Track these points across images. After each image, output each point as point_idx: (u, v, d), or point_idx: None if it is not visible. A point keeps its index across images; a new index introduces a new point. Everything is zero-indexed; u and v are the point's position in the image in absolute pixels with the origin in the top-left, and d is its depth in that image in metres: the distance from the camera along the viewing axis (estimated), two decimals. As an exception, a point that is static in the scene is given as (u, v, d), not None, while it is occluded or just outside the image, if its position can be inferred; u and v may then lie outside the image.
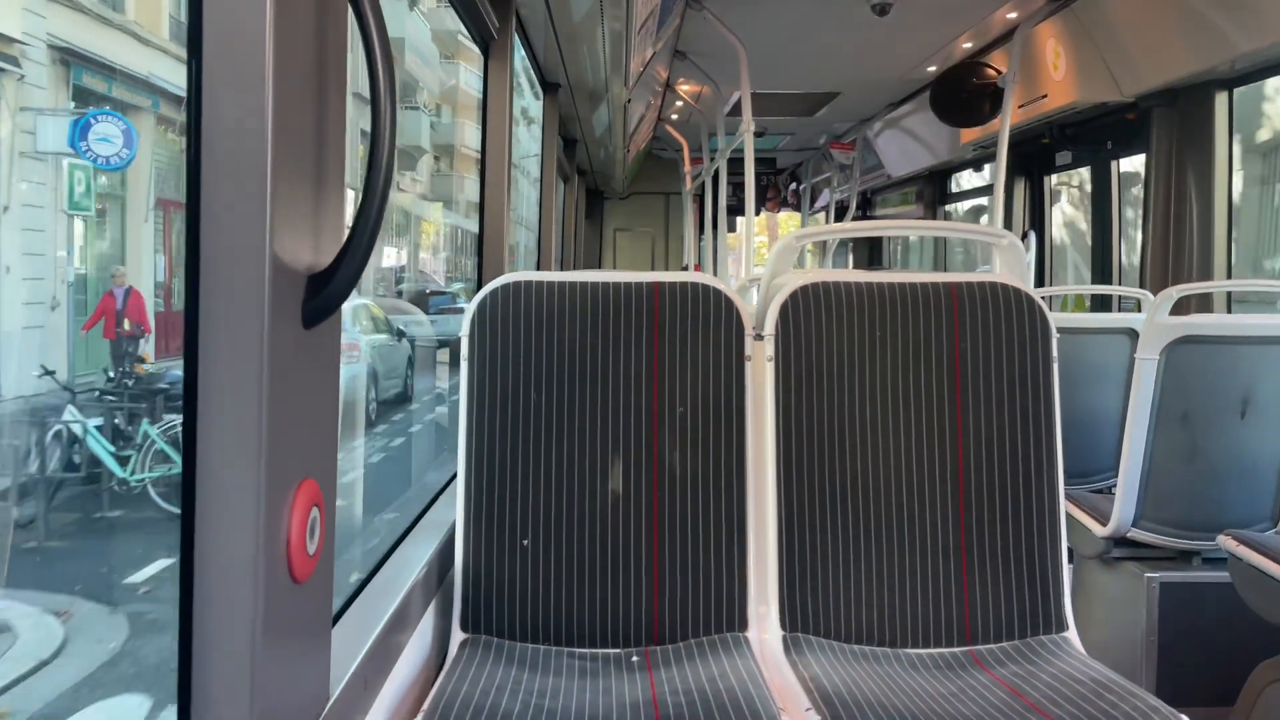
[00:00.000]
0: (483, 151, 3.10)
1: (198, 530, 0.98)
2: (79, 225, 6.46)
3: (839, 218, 10.83)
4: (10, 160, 5.80)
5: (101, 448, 5.86)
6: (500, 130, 3.05)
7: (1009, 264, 2.00)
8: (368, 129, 1.09)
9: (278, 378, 0.99)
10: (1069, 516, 2.76)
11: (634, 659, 1.73)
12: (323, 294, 1.06)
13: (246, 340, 0.96)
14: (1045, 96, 5.27)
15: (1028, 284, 1.93)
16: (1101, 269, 5.60)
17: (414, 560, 1.77)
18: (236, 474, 0.97)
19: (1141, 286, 4.39)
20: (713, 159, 8.01)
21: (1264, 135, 5.18)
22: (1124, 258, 5.53)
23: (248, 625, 0.98)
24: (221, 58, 0.94)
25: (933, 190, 8.61)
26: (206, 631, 0.98)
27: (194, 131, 0.95)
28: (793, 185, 12.61)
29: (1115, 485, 2.80)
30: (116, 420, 6.06)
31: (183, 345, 0.99)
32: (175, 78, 7.00)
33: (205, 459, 0.98)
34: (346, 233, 1.08)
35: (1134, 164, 5.35)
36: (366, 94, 1.08)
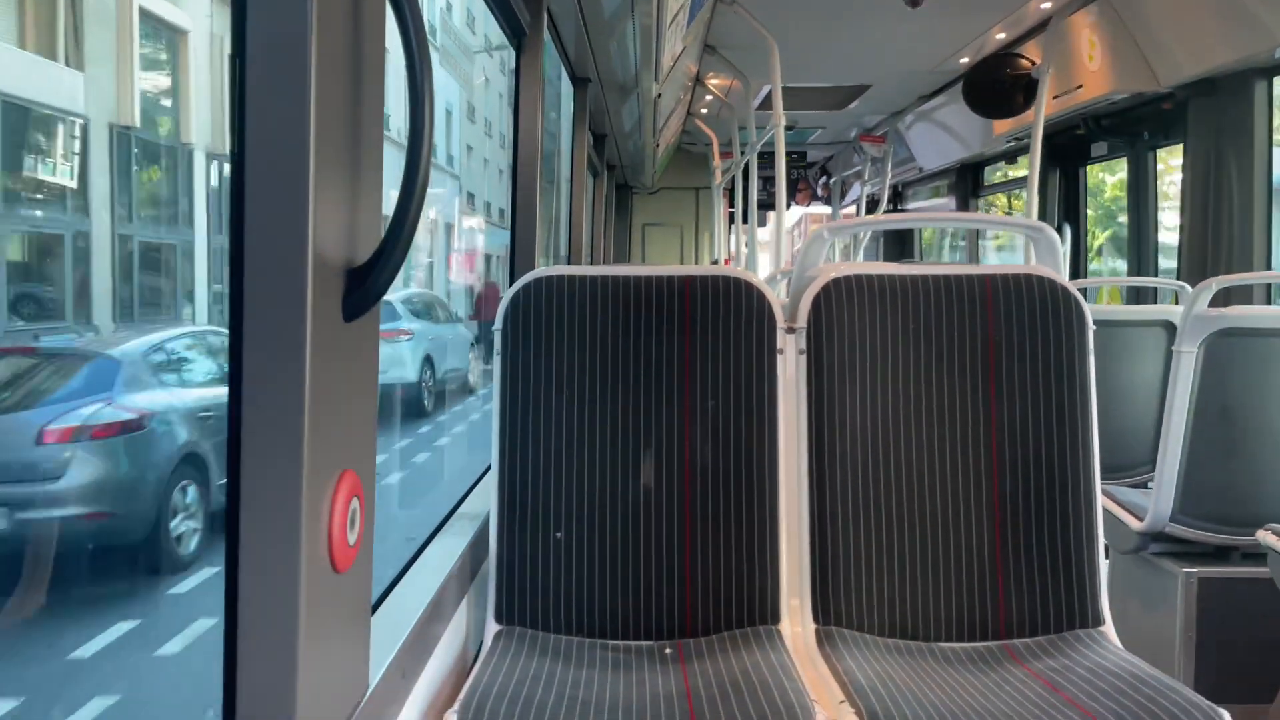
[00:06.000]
0: (514, 147, 3.11)
1: (242, 520, 1.00)
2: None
3: (870, 211, 10.76)
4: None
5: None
6: (532, 126, 3.07)
7: (1044, 256, 1.98)
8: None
9: (319, 371, 1.01)
10: (1105, 511, 2.74)
11: (667, 651, 1.74)
12: (362, 288, 1.08)
13: (289, 334, 0.98)
14: (1080, 87, 5.21)
15: (1063, 276, 1.91)
16: (1138, 260, 5.54)
17: (449, 552, 1.79)
18: (279, 466, 0.99)
19: (1177, 278, 4.33)
20: (743, 153, 7.99)
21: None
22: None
23: (290, 614, 1.00)
24: (265, 60, 0.96)
25: (965, 183, 8.53)
26: (251, 619, 1.00)
27: (238, 131, 0.97)
28: (823, 179, 12.55)
29: (1152, 480, 2.77)
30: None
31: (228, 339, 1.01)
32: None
33: (249, 451, 1.00)
34: (384, 228, 1.10)
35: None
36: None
